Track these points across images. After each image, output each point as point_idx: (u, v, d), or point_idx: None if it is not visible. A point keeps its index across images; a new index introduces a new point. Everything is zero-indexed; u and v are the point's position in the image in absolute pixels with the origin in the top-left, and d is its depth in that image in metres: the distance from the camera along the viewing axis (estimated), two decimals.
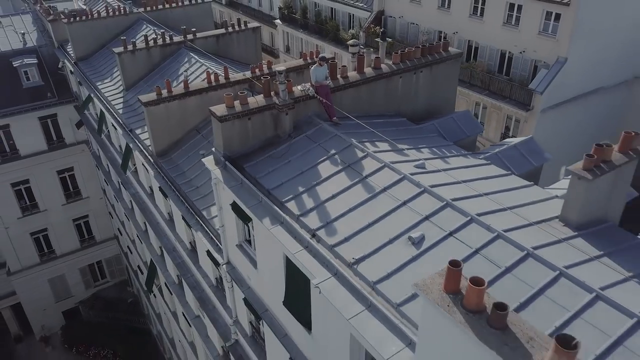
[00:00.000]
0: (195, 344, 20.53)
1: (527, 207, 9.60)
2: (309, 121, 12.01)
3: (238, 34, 23.58)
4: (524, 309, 7.07)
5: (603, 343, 6.44)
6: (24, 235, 30.65)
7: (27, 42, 29.41)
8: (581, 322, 6.84)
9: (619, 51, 27.85)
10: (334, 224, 9.16)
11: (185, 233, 16.47)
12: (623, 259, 8.36)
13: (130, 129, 19.17)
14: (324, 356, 9.55)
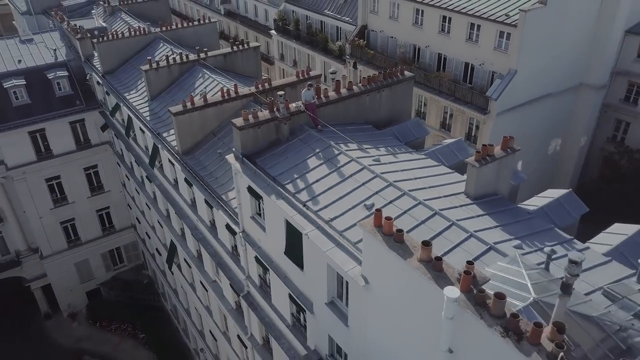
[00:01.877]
0: (210, 307, 25.36)
1: (446, 186, 14.48)
2: (301, 128, 16.88)
3: (242, 52, 28.29)
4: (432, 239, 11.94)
5: (467, 257, 11.35)
6: (54, 224, 35.31)
7: (58, 57, 33.98)
8: (459, 249, 11.76)
9: (563, 62, 32.88)
10: (317, 198, 14.04)
11: (206, 213, 21.30)
12: (499, 217, 13.27)
13: (157, 132, 23.95)
14: (311, 286, 14.44)
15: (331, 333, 13.96)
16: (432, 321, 9.40)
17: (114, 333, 36.98)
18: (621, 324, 9.34)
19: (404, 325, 10.68)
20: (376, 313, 11.54)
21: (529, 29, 29.54)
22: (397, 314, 10.77)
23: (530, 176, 36.78)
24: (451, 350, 9.37)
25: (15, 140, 31.82)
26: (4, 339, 36.56)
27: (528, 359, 7.84)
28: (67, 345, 36.55)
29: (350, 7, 43.05)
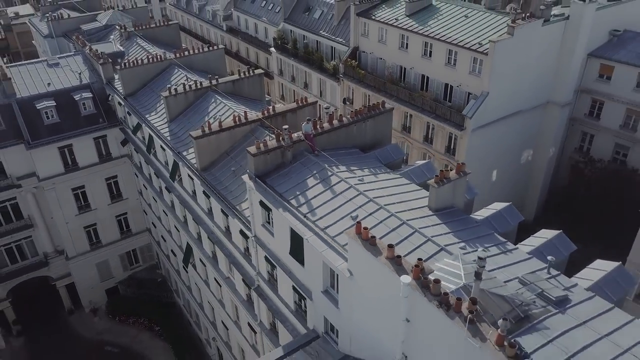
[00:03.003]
0: (223, 300, 29.52)
1: (414, 200, 18.71)
2: (301, 154, 21.08)
3: (248, 78, 32.49)
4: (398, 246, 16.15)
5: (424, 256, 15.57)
6: (79, 228, 39.39)
7: (82, 79, 38.04)
8: (419, 250, 15.97)
9: (531, 83, 37.26)
10: (315, 210, 18.25)
11: (221, 220, 25.48)
12: (452, 225, 17.48)
13: (178, 151, 28.13)
14: (310, 279, 18.63)
15: (326, 314, 18.18)
16: (395, 300, 13.60)
17: (132, 326, 41.08)
18: (525, 301, 13.61)
19: (377, 304, 14.91)
20: (358, 297, 15.77)
21: (498, 57, 33.87)
22: (372, 297, 15.00)
23: (505, 183, 41.57)
24: (408, 320, 13.61)
25: (46, 155, 35.90)
26: (34, 332, 40.66)
27: (452, 321, 12.08)
28: (90, 337, 40.64)
29: (344, 29, 47.27)
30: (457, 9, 39.77)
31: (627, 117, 39.05)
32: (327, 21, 49.61)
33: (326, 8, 50.27)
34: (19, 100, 35.69)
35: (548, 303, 13.94)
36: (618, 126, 39.54)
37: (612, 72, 39.07)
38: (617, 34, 40.39)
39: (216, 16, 65.68)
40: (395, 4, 43.01)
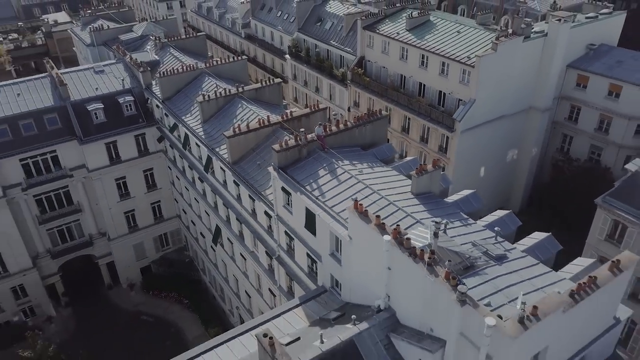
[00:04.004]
0: (247, 272, 35.38)
1: (401, 187, 24.38)
2: (314, 151, 26.82)
3: (269, 87, 38.25)
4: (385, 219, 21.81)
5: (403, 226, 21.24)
6: (120, 213, 45.53)
7: (124, 85, 44.07)
8: (401, 222, 21.64)
9: (514, 91, 42.66)
10: (324, 194, 24.01)
11: (248, 204, 31.31)
12: (428, 205, 23.12)
13: (212, 148, 34.03)
14: (320, 245, 24.40)
15: (332, 272, 23.95)
16: (380, 254, 19.29)
17: (164, 300, 47.16)
18: (472, 256, 19.27)
19: (368, 259, 20.63)
20: (355, 255, 21.50)
21: (483, 69, 39.36)
22: (365, 254, 20.72)
23: (493, 179, 47.01)
24: (389, 268, 19.31)
25: (95, 150, 42.01)
26: (79, 303, 46.90)
27: (417, 265, 17.78)
28: (127, 308, 46.79)
29: (352, 40, 52.93)
30: (451, 25, 45.23)
31: (601, 121, 44.36)
32: (337, 32, 55.29)
33: (336, 20, 55.93)
34: (73, 103, 41.82)
35: (490, 258, 19.60)
36: (593, 129, 44.87)
37: (587, 81, 44.42)
38: (593, 47, 45.68)
39: (235, 24, 71.57)
40: (397, 19, 48.57)
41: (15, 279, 42.89)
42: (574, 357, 19.20)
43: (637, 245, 30.56)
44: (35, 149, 40.56)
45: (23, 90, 42.15)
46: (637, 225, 30.21)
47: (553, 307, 16.08)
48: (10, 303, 43.55)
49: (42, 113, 41.04)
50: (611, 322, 20.13)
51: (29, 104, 41.27)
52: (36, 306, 44.93)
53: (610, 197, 31.71)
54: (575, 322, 17.56)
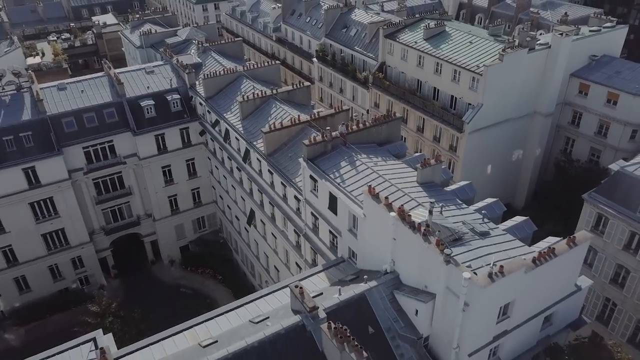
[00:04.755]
0: (277, 249, 40.97)
1: (408, 177, 29.57)
2: (337, 145, 32.19)
3: (299, 89, 43.72)
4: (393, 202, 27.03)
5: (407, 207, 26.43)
6: (164, 197, 51.71)
7: (172, 84, 50.12)
8: (406, 205, 26.83)
9: (519, 97, 47.16)
10: (345, 181, 29.39)
11: (280, 189, 36.87)
12: (429, 192, 28.28)
13: (250, 141, 39.71)
14: (340, 223, 29.78)
15: (349, 245, 29.32)
16: (387, 228, 24.56)
17: (200, 275, 53.22)
18: (460, 231, 24.41)
19: (378, 232, 25.91)
20: (368, 230, 26.81)
21: (491, 77, 44.05)
22: (376, 228, 26.00)
23: (499, 176, 51.59)
24: (394, 238, 24.59)
25: (146, 141, 48.13)
26: (126, 275, 53.31)
27: (415, 235, 23.00)
28: (168, 281, 53.01)
29: (374, 46, 57.98)
30: (465, 35, 49.94)
31: (600, 126, 48.58)
32: (361, 39, 60.42)
33: (360, 27, 61.04)
34: (128, 99, 48.02)
35: (475, 234, 24.72)
36: (593, 133, 49.11)
37: (588, 89, 48.67)
38: (595, 58, 49.85)
39: (267, 27, 77.18)
40: (416, 29, 53.48)
41: (75, 251, 49.41)
42: (540, 313, 24.30)
43: (617, 235, 35.09)
44: (95, 138, 46.85)
45: (86, 88, 48.55)
46: (617, 218, 34.71)
47: (516, 268, 21.23)
48: (70, 272, 50.11)
49: (102, 108, 47.32)
50: (573, 288, 25.11)
51: (91, 99, 47.61)
52: (90, 276, 51.43)
53: (595, 193, 36.24)
54: (538, 283, 22.65)
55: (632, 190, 34.16)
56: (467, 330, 21.88)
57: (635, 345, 36.06)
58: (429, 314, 23.29)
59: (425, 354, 24.02)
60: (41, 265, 48.28)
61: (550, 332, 25.88)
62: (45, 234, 47.37)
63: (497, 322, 22.75)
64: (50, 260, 48.62)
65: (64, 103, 46.81)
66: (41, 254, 47.87)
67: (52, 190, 45.69)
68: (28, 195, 44.87)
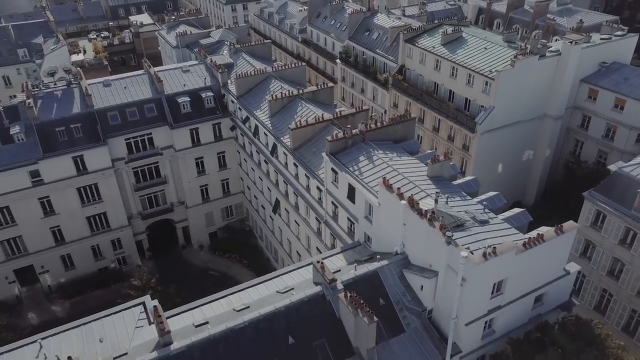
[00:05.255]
0: (299, 235, 44.89)
1: (419, 171, 33.14)
2: (356, 142, 35.90)
3: (323, 90, 47.49)
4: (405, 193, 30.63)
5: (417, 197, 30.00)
6: (196, 187, 56.12)
7: (206, 83, 54.43)
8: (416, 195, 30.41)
9: (529, 101, 50.09)
10: (363, 174, 33.10)
11: (304, 181, 40.75)
12: (438, 185, 31.77)
13: (278, 137, 43.69)
14: (357, 210, 33.52)
15: (365, 230, 33.03)
16: (398, 214, 28.21)
17: (227, 259, 57.53)
18: (463, 218, 27.92)
19: (390, 219, 29.56)
20: (382, 216, 30.48)
21: (502, 82, 47.14)
22: (389, 215, 29.65)
23: (509, 175, 54.60)
24: (405, 224, 28.23)
25: (181, 134, 52.52)
26: (160, 257, 57.94)
27: (422, 220, 26.60)
28: (198, 264, 57.48)
29: (394, 49, 61.38)
30: (480, 41, 53.02)
31: (607, 129, 51.22)
32: (382, 42, 63.88)
33: (382, 31, 64.49)
34: (166, 96, 52.46)
35: (475, 222, 28.20)
36: (600, 136, 51.77)
37: (597, 95, 51.34)
38: (604, 65, 52.43)
39: (293, 29, 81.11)
40: (434, 34, 56.72)
41: (115, 233, 54.18)
42: (531, 292, 27.72)
43: (614, 230, 38.01)
44: (136, 131, 51.39)
45: (128, 84, 53.17)
46: (614, 214, 37.63)
47: (507, 249, 24.71)
48: (110, 252, 54.92)
49: (142, 103, 51.87)
50: (561, 272, 28.42)
51: (133, 95, 52.21)
52: (127, 257, 56.19)
53: (595, 192, 39.19)
54: (528, 265, 26.06)
55: (628, 189, 37.04)
56: (465, 303, 25.42)
57: (628, 334, 38.93)
58: (433, 289, 26.89)
59: (428, 324, 27.64)
60: (85, 245, 53.15)
61: (542, 312, 29.19)
62: (89, 217, 52.19)
63: (491, 298, 26.24)
64: (93, 241, 53.46)
65: (109, 98, 51.48)
66: (85, 234, 52.73)
67: (97, 177, 50.45)
68: (76, 181, 49.67)
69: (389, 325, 27.18)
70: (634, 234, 36.56)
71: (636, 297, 37.65)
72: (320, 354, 25.67)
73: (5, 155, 46.43)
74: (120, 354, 25.34)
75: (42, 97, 50.10)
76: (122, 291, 45.97)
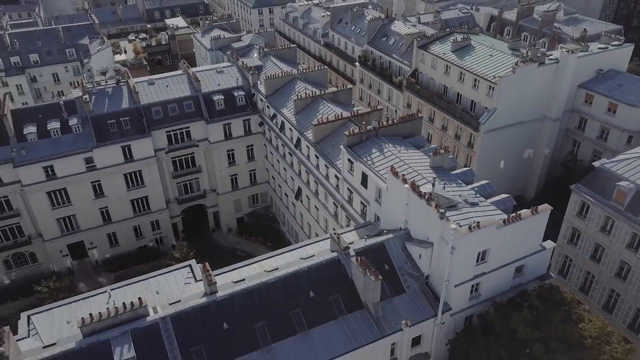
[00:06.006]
0: (318, 219, 50.93)
1: (423, 162, 38.86)
2: (370, 136, 41.79)
3: (342, 91, 53.45)
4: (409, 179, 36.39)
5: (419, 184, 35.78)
6: (227, 176, 62.59)
7: (237, 83, 60.82)
8: (418, 182, 36.16)
9: (530, 104, 55.23)
10: (375, 163, 38.98)
11: (324, 170, 46.76)
12: (438, 174, 37.45)
13: (301, 132, 49.81)
14: (369, 195, 39.40)
15: (375, 211, 38.91)
16: (403, 196, 34.01)
17: (253, 242, 63.89)
18: (456, 200, 33.62)
19: (396, 200, 35.36)
20: (389, 199, 36.31)
21: (504, 86, 52.44)
22: (395, 197, 35.46)
23: (511, 172, 59.81)
24: (407, 204, 34.04)
25: (215, 128, 58.99)
26: (192, 239, 64.58)
27: (421, 200, 32.37)
28: (226, 246, 63.96)
29: (409, 54, 66.94)
30: (487, 49, 58.31)
31: (602, 131, 56.09)
32: (398, 47, 69.49)
33: (398, 37, 70.10)
34: (203, 94, 58.99)
35: (467, 204, 33.87)
36: (595, 137, 56.65)
37: (592, 99, 56.23)
38: (601, 72, 57.27)
39: (316, 33, 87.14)
40: (445, 41, 62.16)
41: (154, 215, 60.97)
42: (511, 263, 33.28)
43: (595, 219, 43.13)
44: (176, 125, 58.04)
45: (170, 83, 59.86)
46: (596, 205, 42.76)
47: (489, 224, 30.37)
48: (149, 232, 61.75)
49: (182, 100, 58.48)
50: (538, 247, 33.92)
51: (174, 93, 58.85)
52: (164, 237, 62.95)
53: (580, 185, 44.33)
54: (508, 238, 31.68)
55: (608, 182, 42.13)
56: (454, 268, 31.15)
57: (608, 311, 44.00)
58: (429, 257, 32.65)
59: (425, 287, 33.41)
60: (128, 225, 60.06)
61: (522, 281, 34.70)
62: (133, 200, 59.03)
63: (477, 265, 31.91)
64: (135, 222, 60.33)
65: (153, 95, 58.24)
66: (129, 215, 59.62)
67: (141, 165, 57.23)
68: (123, 167, 56.52)
69: (392, 287, 33.04)
70: (613, 222, 41.67)
71: (614, 278, 42.74)
72: (335, 306, 31.69)
73: (64, 143, 53.48)
74: (175, 301, 31.71)
75: (95, 94, 57.07)
76: (164, 263, 52.58)
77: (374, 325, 31.20)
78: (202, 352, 28.91)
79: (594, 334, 30.16)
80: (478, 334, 32.36)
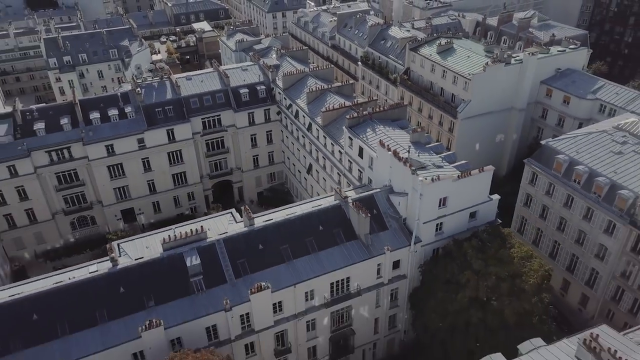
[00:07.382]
0: (325, 188, 63.53)
1: (406, 138, 51.39)
2: (366, 119, 54.36)
3: (346, 86, 66.10)
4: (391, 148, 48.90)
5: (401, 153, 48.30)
6: (250, 156, 75.29)
7: (259, 79, 73.54)
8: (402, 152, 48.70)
9: (498, 97, 67.51)
10: (369, 140, 51.57)
11: (330, 147, 59.42)
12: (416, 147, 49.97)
13: (313, 118, 62.52)
14: (364, 163, 51.96)
15: (369, 175, 51.44)
16: (387, 161, 46.55)
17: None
18: (426, 163, 46.18)
19: (383, 165, 47.87)
20: (378, 164, 48.83)
21: (477, 82, 64.81)
22: (382, 162, 47.96)
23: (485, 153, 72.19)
24: (391, 167, 46.62)
25: (241, 116, 71.76)
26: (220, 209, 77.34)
27: (401, 163, 44.94)
28: None
29: (403, 55, 79.39)
30: (466, 51, 70.62)
31: (559, 119, 68.30)
32: (394, 49, 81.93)
33: (394, 41, 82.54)
34: (232, 88, 71.80)
35: (434, 166, 46.40)
36: (554, 124, 68.85)
37: (552, 93, 68.44)
38: (559, 70, 69.45)
39: (324, 35, 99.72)
40: (432, 45, 74.54)
41: (190, 187, 73.90)
42: (466, 209, 45.79)
43: (542, 186, 55.41)
44: (209, 113, 70.85)
45: (204, 79, 72.74)
46: (542, 174, 55.01)
47: (447, 177, 42.94)
48: (185, 202, 74.72)
49: (214, 92, 71.31)
50: (487, 198, 46.44)
51: (208, 86, 71.71)
52: (198, 206, 75.88)
53: (531, 159, 56.64)
54: (462, 189, 44.18)
55: (551, 156, 54.45)
56: (422, 210, 43.66)
57: (552, 257, 56.28)
58: (405, 203, 45.19)
59: (403, 226, 45.94)
60: (169, 195, 73.07)
61: (476, 225, 47.14)
62: (173, 174, 72.01)
63: (439, 208, 44.41)
64: (175, 193, 73.33)
65: (191, 88, 71.13)
66: (170, 187, 72.62)
67: (181, 145, 70.17)
68: (167, 147, 69.47)
69: (379, 225, 45.67)
70: (554, 187, 53.98)
71: (556, 231, 55.05)
72: (337, 237, 44.42)
73: (122, 127, 66.55)
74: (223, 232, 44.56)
75: (144, 87, 70.07)
76: None
77: (365, 250, 43.89)
78: (245, 263, 41.78)
79: (521, 254, 42.64)
80: (441, 258, 44.96)
